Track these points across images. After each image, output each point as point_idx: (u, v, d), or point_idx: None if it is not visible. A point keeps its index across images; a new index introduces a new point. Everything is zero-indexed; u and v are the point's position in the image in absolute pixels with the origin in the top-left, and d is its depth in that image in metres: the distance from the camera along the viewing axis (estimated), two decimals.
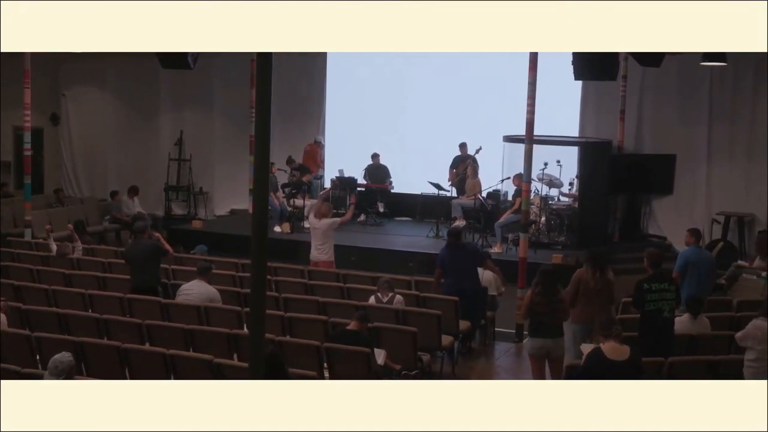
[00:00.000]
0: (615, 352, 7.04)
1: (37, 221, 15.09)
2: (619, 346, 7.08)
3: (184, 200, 19.61)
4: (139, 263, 10.57)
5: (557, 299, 8.57)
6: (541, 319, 8.49)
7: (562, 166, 16.14)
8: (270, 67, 4.71)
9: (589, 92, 17.14)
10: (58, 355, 6.74)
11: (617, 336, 7.13)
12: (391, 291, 9.99)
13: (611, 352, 7.04)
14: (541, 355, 8.60)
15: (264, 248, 4.88)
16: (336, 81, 19.62)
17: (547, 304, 8.48)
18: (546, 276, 8.64)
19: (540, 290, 8.54)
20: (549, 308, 8.46)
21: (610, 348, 7.05)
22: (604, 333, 7.17)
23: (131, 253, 10.83)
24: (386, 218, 18.15)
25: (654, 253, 9.07)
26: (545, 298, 8.49)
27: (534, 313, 8.54)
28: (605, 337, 7.14)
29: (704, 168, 16.23)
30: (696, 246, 10.68)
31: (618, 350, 7.06)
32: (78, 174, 20.72)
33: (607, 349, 7.05)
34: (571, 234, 15.86)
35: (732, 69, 15.39)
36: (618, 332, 7.14)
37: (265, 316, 4.97)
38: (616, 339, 7.12)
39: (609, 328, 7.16)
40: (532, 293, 8.63)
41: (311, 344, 8.43)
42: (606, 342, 7.11)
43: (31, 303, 10.02)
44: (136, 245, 10.93)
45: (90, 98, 20.47)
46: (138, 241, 10.98)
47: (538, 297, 8.52)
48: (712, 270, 10.65)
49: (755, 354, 8.01)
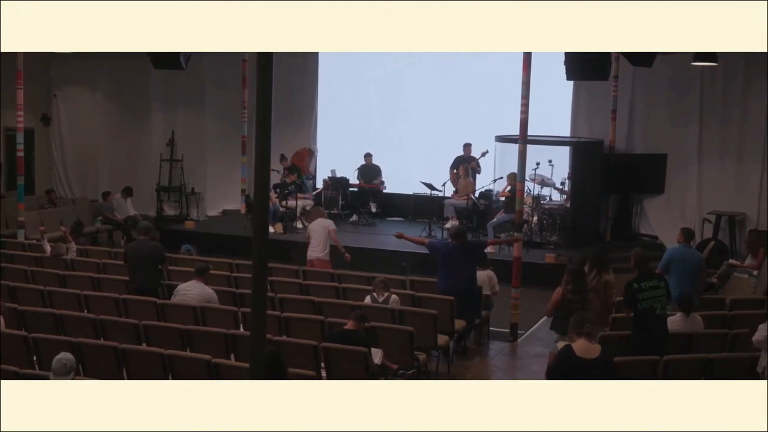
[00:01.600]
0: (585, 350, 6.97)
1: (30, 222, 15.07)
2: (589, 344, 7.00)
3: (176, 201, 19.61)
4: (141, 264, 10.57)
5: (588, 296, 8.86)
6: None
7: (554, 166, 16.23)
8: (271, 67, 4.72)
9: (580, 92, 17.22)
10: (60, 354, 6.75)
11: (588, 334, 7.07)
12: (387, 291, 10.03)
13: (581, 349, 6.97)
14: None
15: (264, 249, 4.88)
16: (328, 81, 19.63)
17: (580, 301, 8.72)
18: (576, 275, 8.96)
19: (572, 287, 8.83)
20: (581, 306, 8.60)
21: (580, 346, 6.98)
22: (575, 331, 7.11)
23: (134, 253, 10.78)
24: (378, 218, 18.18)
25: (639, 253, 9.16)
26: (578, 295, 8.77)
27: (566, 310, 8.62)
28: (577, 335, 7.08)
29: (695, 167, 16.33)
30: (684, 245, 10.70)
31: (588, 348, 6.98)
32: (69, 175, 20.71)
33: (578, 347, 6.98)
34: (563, 233, 15.93)
35: (722, 69, 15.49)
36: (589, 330, 7.08)
37: (265, 316, 4.99)
38: (588, 337, 7.05)
39: (581, 326, 7.12)
40: (563, 291, 8.89)
41: (308, 344, 8.45)
42: (577, 340, 7.07)
43: (26, 304, 10.00)
44: (139, 246, 10.89)
45: (81, 99, 20.45)
46: (142, 241, 10.94)
47: (571, 294, 8.79)
48: (699, 269, 10.65)
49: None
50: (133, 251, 10.90)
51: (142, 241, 10.99)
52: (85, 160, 20.50)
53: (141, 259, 10.61)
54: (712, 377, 8.34)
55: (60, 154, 20.63)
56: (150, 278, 10.56)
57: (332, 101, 19.61)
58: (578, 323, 7.11)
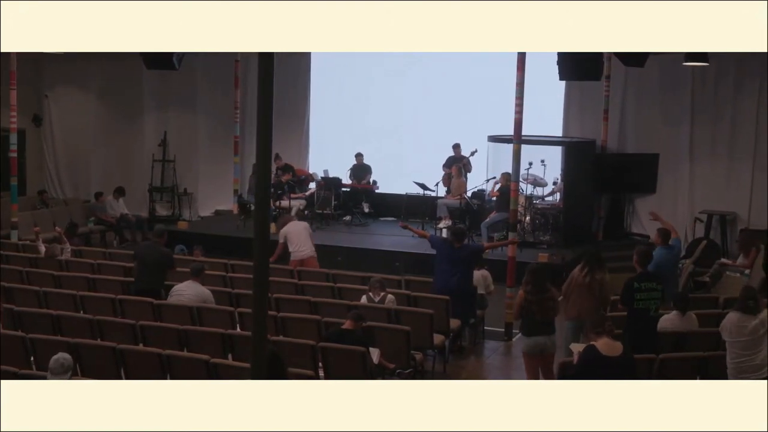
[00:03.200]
0: (609, 348, 7.10)
1: (23, 223, 15.05)
2: (612, 342, 7.15)
3: (168, 201, 19.57)
4: (148, 267, 10.61)
5: (548, 296, 8.69)
6: (534, 316, 8.59)
7: (546, 166, 16.29)
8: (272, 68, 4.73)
9: (572, 92, 17.28)
10: (58, 354, 6.76)
11: (610, 332, 7.20)
12: (383, 290, 10.06)
13: (605, 348, 7.10)
14: (535, 353, 8.69)
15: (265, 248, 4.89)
16: (321, 81, 19.65)
17: (538, 302, 8.59)
18: (535, 274, 8.77)
19: (530, 288, 8.66)
20: (540, 306, 8.57)
21: (603, 344, 7.12)
22: (596, 330, 7.23)
23: (144, 255, 10.82)
24: (371, 218, 18.21)
25: (643, 251, 9.17)
26: (536, 296, 8.61)
27: (526, 312, 8.63)
28: (598, 334, 7.19)
29: (687, 167, 16.42)
30: (663, 246, 10.71)
31: (611, 346, 7.13)
32: (61, 175, 20.65)
33: (601, 346, 7.12)
34: (556, 233, 15.99)
35: (713, 69, 15.56)
36: (610, 328, 7.22)
37: (267, 316, 5.00)
38: (609, 335, 7.19)
39: (601, 324, 7.23)
40: (523, 292, 8.73)
41: (306, 343, 8.48)
42: (599, 339, 7.18)
43: (22, 304, 10.00)
44: (150, 248, 10.92)
45: (73, 99, 20.38)
46: (152, 243, 10.98)
47: (530, 295, 8.64)
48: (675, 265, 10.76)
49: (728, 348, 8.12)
50: (142, 252, 10.95)
51: (152, 243, 11.05)
52: (76, 161, 20.45)
53: (150, 262, 10.65)
54: (706, 375, 8.42)
55: (52, 155, 20.58)
56: (155, 281, 10.61)
57: (325, 101, 19.62)
58: (599, 322, 7.21)
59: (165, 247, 11.04)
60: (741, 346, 7.90)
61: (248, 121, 19.31)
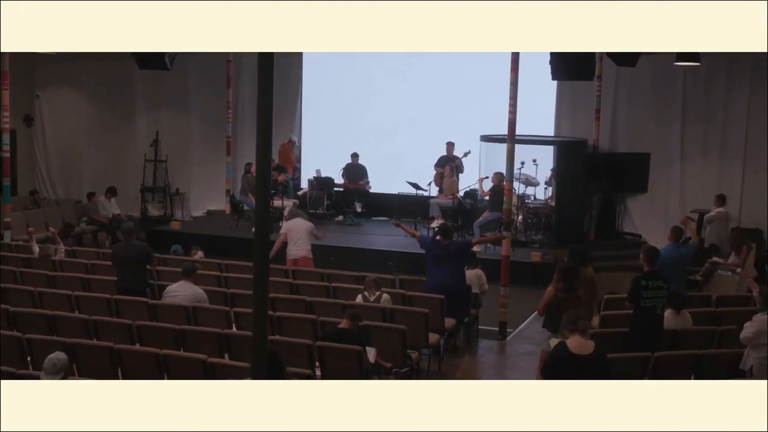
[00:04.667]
0: (579, 347, 7.03)
1: (15, 223, 15.01)
2: (584, 340, 7.06)
3: (160, 201, 19.59)
4: (129, 265, 10.56)
5: (577, 295, 8.85)
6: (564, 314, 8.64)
7: (538, 165, 16.35)
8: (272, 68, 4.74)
9: (564, 92, 17.34)
10: (53, 354, 6.75)
11: (583, 331, 7.13)
12: (378, 290, 10.08)
13: (576, 346, 7.03)
14: None
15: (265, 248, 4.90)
16: (312, 80, 19.64)
17: (569, 300, 8.71)
18: (566, 273, 8.95)
19: (562, 286, 8.83)
20: (571, 304, 8.64)
21: (575, 342, 7.04)
22: (569, 327, 7.17)
23: (121, 254, 10.75)
24: (364, 218, 18.22)
25: (650, 249, 9.19)
26: (567, 294, 8.77)
27: (557, 309, 8.66)
28: (571, 332, 7.14)
29: (678, 166, 16.50)
30: (674, 244, 10.82)
31: (583, 345, 7.04)
32: (53, 176, 20.61)
33: (572, 344, 7.05)
34: (548, 232, 16.04)
35: (705, 69, 15.64)
36: (584, 327, 7.14)
37: (267, 315, 5.02)
38: (582, 334, 7.11)
39: (575, 322, 7.19)
40: (554, 290, 8.87)
41: (303, 343, 8.50)
42: (571, 336, 7.15)
43: (16, 304, 9.98)
44: (126, 247, 10.82)
45: (64, 100, 20.35)
46: (127, 242, 10.87)
47: (561, 293, 8.79)
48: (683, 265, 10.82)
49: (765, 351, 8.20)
50: (119, 253, 10.87)
51: (127, 242, 10.91)
52: (68, 161, 20.41)
53: (128, 260, 10.59)
54: (701, 373, 8.47)
55: (43, 155, 20.53)
56: (137, 279, 10.54)
57: (317, 100, 19.62)
58: (572, 320, 7.18)
59: (143, 243, 10.97)
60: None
61: (240, 122, 19.31)
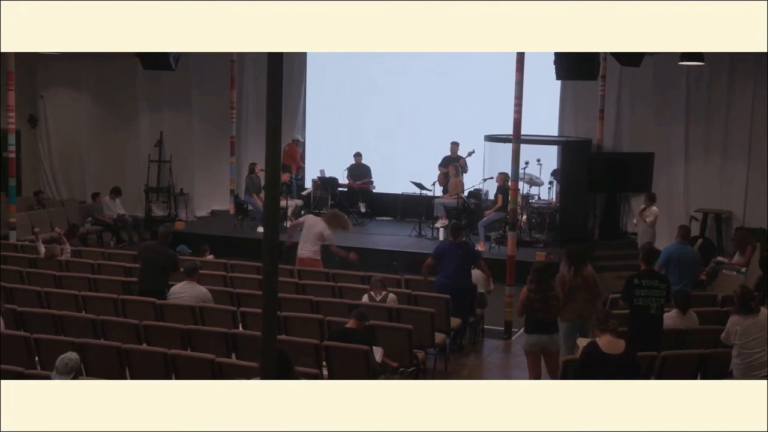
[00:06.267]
0: (610, 346, 7.11)
1: (20, 223, 15.03)
2: (614, 339, 7.15)
3: (164, 201, 19.62)
4: (154, 269, 10.54)
5: (551, 295, 8.74)
6: (537, 315, 8.65)
7: (542, 165, 16.36)
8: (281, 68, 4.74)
9: (567, 92, 17.36)
10: (65, 354, 6.77)
11: (613, 330, 7.21)
12: (384, 289, 10.10)
13: (607, 345, 7.11)
14: (536, 351, 8.75)
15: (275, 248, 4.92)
16: (317, 80, 19.64)
17: (542, 300, 8.64)
18: (539, 272, 8.81)
19: (534, 287, 8.71)
20: (544, 304, 8.62)
21: (606, 342, 7.12)
22: (600, 327, 7.24)
23: (149, 257, 10.72)
24: (368, 218, 18.24)
25: (648, 248, 9.23)
26: (540, 294, 8.67)
27: (530, 310, 8.68)
28: (602, 331, 7.20)
29: (681, 166, 16.52)
30: (682, 243, 10.85)
31: (614, 344, 7.13)
32: (57, 176, 20.67)
33: (603, 343, 7.13)
34: (552, 232, 16.06)
35: (708, 68, 15.66)
36: (614, 326, 7.23)
37: (276, 315, 5.03)
38: (612, 333, 7.19)
39: (605, 322, 7.25)
40: (527, 290, 8.77)
41: (310, 342, 8.51)
42: (602, 336, 7.20)
43: (23, 305, 10.00)
44: (155, 250, 10.76)
45: (68, 100, 20.40)
46: (158, 246, 10.84)
47: (533, 293, 8.68)
48: (696, 266, 10.83)
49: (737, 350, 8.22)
50: (147, 254, 10.85)
51: (156, 244, 10.93)
52: (72, 162, 20.47)
53: (155, 265, 10.57)
54: (707, 372, 8.49)
55: (47, 156, 20.59)
56: (159, 282, 10.53)
57: (321, 100, 19.62)
58: (603, 319, 7.24)
59: (170, 249, 11.01)
60: (751, 345, 8.02)
61: (244, 122, 19.32)
